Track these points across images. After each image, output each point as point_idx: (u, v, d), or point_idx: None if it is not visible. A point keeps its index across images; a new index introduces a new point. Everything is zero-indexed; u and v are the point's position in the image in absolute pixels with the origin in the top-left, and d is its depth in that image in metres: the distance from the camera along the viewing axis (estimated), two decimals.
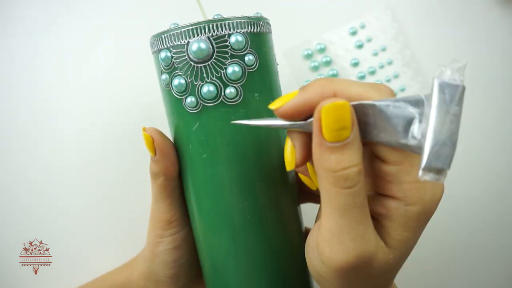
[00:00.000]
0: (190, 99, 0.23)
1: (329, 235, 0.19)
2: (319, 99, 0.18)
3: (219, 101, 0.23)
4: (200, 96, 0.23)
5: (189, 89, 0.23)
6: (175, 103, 0.24)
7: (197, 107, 0.23)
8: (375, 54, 0.40)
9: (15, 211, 0.36)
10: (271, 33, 0.26)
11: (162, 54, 0.23)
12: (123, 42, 0.38)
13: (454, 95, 0.16)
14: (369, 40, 0.41)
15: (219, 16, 0.26)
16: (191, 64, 0.22)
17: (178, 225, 0.28)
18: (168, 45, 0.23)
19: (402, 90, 0.40)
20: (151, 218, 0.28)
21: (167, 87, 0.24)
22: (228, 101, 0.23)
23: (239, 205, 0.24)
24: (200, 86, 0.23)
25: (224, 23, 0.22)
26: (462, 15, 0.42)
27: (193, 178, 0.25)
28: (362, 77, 0.40)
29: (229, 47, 0.22)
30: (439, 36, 0.41)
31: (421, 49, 0.41)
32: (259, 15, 0.26)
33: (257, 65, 0.23)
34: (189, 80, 0.23)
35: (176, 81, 0.23)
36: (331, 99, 0.17)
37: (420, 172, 0.15)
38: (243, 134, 0.23)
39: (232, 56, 0.22)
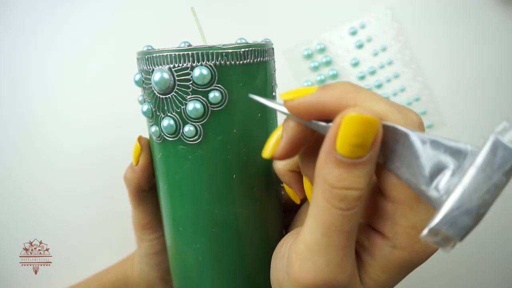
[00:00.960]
0: (155, 129, 0.21)
1: (305, 249, 0.17)
2: (336, 105, 0.16)
3: (177, 137, 0.21)
4: (161, 128, 0.21)
5: (154, 118, 0.21)
6: (148, 127, 0.23)
7: (159, 138, 0.21)
8: (375, 54, 0.40)
9: (15, 211, 0.36)
10: (264, 61, 0.22)
11: (136, 76, 0.22)
12: (125, 44, 0.38)
13: (506, 162, 0.13)
14: (369, 40, 0.40)
15: (186, 44, 0.23)
16: (154, 93, 0.21)
17: (155, 231, 0.28)
18: (141, 68, 0.21)
19: (402, 90, 0.40)
20: (132, 221, 0.29)
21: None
22: (187, 139, 0.21)
23: (193, 246, 0.22)
24: (161, 118, 0.21)
25: (188, 54, 0.20)
26: (462, 15, 0.42)
27: (160, 198, 0.24)
28: (362, 77, 0.40)
29: (191, 82, 0.20)
30: (439, 36, 0.41)
31: (421, 49, 0.41)
32: (253, 41, 0.23)
33: (225, 103, 0.20)
34: (153, 109, 0.21)
35: (145, 107, 0.22)
36: (359, 109, 0.15)
37: (425, 231, 0.13)
38: (201, 172, 0.21)
39: (194, 92, 0.20)
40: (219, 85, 0.20)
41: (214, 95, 0.20)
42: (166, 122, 0.21)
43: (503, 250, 0.41)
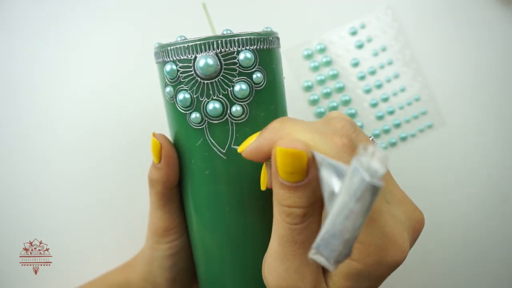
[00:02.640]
0: (195, 115, 0.22)
1: (269, 256, 0.19)
2: (271, 146, 0.18)
3: (224, 118, 0.22)
4: (205, 113, 0.22)
5: (194, 105, 0.22)
6: (178, 117, 0.23)
7: (202, 123, 0.23)
8: (375, 54, 0.40)
9: (15, 211, 0.36)
10: (280, 47, 0.25)
11: (168, 67, 0.22)
12: (127, 45, 0.38)
13: (357, 189, 0.13)
14: (369, 40, 0.40)
15: (228, 32, 0.25)
16: (197, 80, 0.22)
17: (176, 232, 0.27)
18: (174, 58, 0.22)
19: (402, 90, 0.40)
20: (150, 224, 0.28)
21: (171, 100, 0.23)
22: (234, 119, 0.22)
23: (240, 221, 0.24)
24: (205, 103, 0.22)
25: (234, 39, 0.22)
26: (462, 15, 0.42)
27: (194, 191, 0.24)
28: (362, 77, 0.40)
29: (238, 64, 0.22)
30: (439, 36, 0.41)
31: (421, 49, 0.41)
32: (269, 29, 0.25)
33: (265, 82, 0.23)
34: (194, 96, 0.22)
35: (181, 96, 0.22)
36: (285, 143, 0.17)
37: (311, 251, 0.14)
38: None
39: (240, 74, 0.22)
40: (260, 67, 0.22)
41: (257, 76, 0.22)
42: (212, 105, 0.22)
43: (504, 251, 0.41)
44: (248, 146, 0.19)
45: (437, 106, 0.41)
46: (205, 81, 0.22)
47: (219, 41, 0.21)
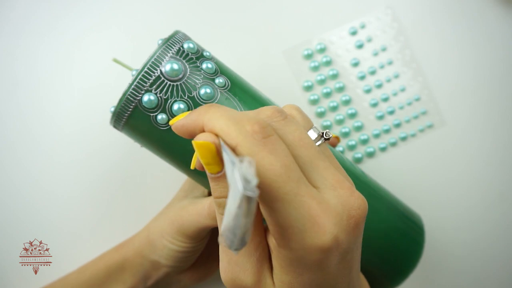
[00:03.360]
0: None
1: (219, 250, 0.20)
2: (194, 127, 0.19)
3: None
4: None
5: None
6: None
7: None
8: (375, 54, 0.40)
9: (15, 211, 0.36)
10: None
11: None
12: (127, 42, 0.38)
13: (236, 197, 0.14)
14: (369, 40, 0.41)
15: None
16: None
17: (203, 237, 0.30)
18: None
19: (402, 90, 0.40)
20: (175, 219, 0.29)
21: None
22: None
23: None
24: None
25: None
26: (462, 15, 0.42)
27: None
28: (362, 77, 0.40)
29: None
30: (439, 36, 0.41)
31: (421, 49, 0.41)
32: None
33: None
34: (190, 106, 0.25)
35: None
36: (199, 136, 0.18)
37: (219, 238, 0.15)
38: None
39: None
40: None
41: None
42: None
43: (505, 251, 0.41)
44: (177, 121, 0.20)
45: (437, 106, 0.41)
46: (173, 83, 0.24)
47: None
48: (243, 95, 0.26)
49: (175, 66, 0.24)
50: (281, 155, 0.17)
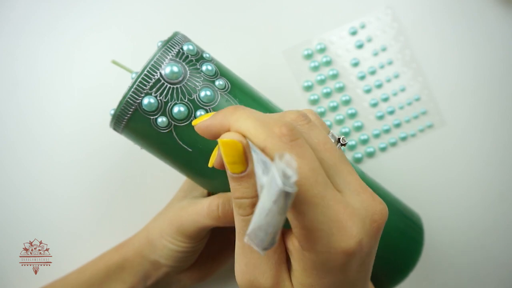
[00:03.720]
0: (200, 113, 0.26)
1: (235, 252, 0.20)
2: (220, 127, 0.19)
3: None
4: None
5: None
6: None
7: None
8: (375, 54, 0.40)
9: (15, 211, 0.36)
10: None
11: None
12: (127, 42, 0.38)
13: (273, 193, 0.14)
14: (369, 40, 0.41)
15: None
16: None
17: (203, 237, 0.29)
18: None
19: (402, 90, 0.40)
20: (174, 219, 0.29)
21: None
22: None
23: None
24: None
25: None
26: (462, 15, 0.42)
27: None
28: (362, 77, 0.40)
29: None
30: (439, 36, 0.41)
31: (421, 49, 0.41)
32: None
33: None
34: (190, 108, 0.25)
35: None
36: (225, 134, 0.18)
37: (245, 237, 0.15)
38: None
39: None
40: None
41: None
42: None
43: (505, 251, 0.41)
44: (201, 122, 0.20)
45: (437, 106, 0.41)
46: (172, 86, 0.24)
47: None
48: (243, 96, 0.26)
49: (175, 69, 0.24)
50: (308, 158, 0.17)
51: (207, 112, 0.24)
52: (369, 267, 0.20)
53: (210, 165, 0.21)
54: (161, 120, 0.24)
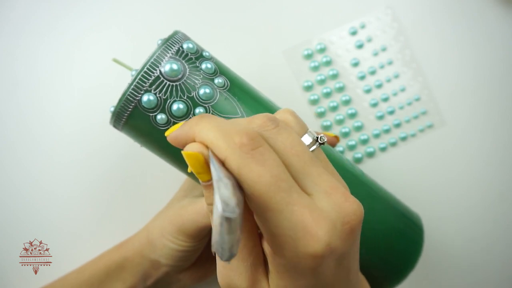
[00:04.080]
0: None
1: None
2: (185, 139, 0.19)
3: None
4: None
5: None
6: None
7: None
8: (375, 54, 0.40)
9: (15, 211, 0.36)
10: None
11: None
12: (127, 42, 0.38)
13: (218, 217, 0.15)
14: (369, 40, 0.41)
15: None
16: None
17: (203, 237, 0.29)
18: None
19: (402, 90, 0.40)
20: (175, 217, 0.29)
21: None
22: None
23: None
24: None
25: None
26: (462, 15, 0.42)
27: None
28: (362, 77, 0.40)
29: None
30: (439, 36, 0.41)
31: (421, 49, 0.41)
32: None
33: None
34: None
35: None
36: (188, 146, 0.18)
37: (212, 247, 0.16)
38: None
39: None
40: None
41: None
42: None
43: (505, 251, 0.41)
44: (172, 133, 0.20)
45: (437, 106, 0.41)
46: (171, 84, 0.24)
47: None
48: (242, 95, 0.26)
49: (175, 66, 0.24)
50: (270, 165, 0.17)
51: (206, 110, 0.24)
52: (349, 267, 0.20)
53: (189, 170, 0.21)
54: (161, 117, 0.24)
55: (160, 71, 0.24)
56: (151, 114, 0.24)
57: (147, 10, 0.39)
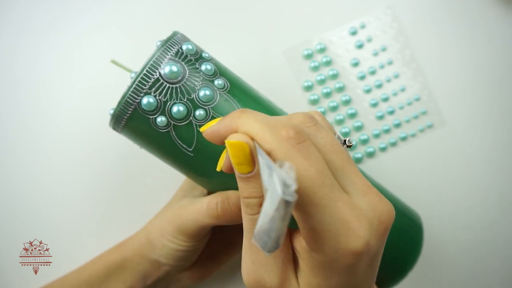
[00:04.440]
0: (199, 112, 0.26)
1: (242, 251, 0.20)
2: (226, 132, 0.19)
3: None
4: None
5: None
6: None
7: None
8: (375, 54, 0.40)
9: (15, 211, 0.36)
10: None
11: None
12: (127, 42, 0.38)
13: (274, 201, 0.14)
14: (369, 40, 0.41)
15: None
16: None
17: (204, 236, 0.30)
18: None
19: (402, 90, 0.40)
20: (174, 217, 0.29)
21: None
22: None
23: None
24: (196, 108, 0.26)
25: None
26: (462, 15, 0.42)
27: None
28: (362, 77, 0.40)
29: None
30: (439, 36, 0.41)
31: (421, 49, 0.41)
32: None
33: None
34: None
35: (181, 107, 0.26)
36: (232, 136, 0.18)
37: (252, 238, 0.16)
38: None
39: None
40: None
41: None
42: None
43: (505, 250, 0.41)
44: (209, 128, 0.20)
45: (437, 106, 0.41)
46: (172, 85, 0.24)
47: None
48: (242, 96, 0.26)
49: (174, 69, 0.24)
50: (315, 160, 0.18)
51: (206, 111, 0.24)
52: (376, 268, 0.20)
53: (218, 169, 0.21)
54: (160, 119, 0.24)
55: (159, 73, 0.24)
56: (151, 117, 0.24)
57: (147, 10, 0.39)
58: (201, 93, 0.24)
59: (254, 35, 0.40)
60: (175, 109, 0.24)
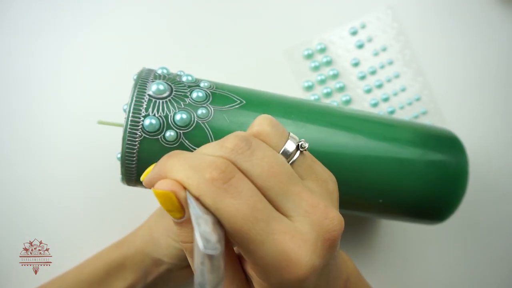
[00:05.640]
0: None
1: None
2: (158, 180, 0.18)
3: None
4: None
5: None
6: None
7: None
8: (376, 54, 0.40)
9: (15, 211, 0.36)
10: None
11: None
12: (127, 43, 0.38)
13: (199, 255, 0.14)
14: (369, 40, 0.41)
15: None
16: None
17: None
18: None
19: (403, 90, 0.40)
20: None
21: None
22: None
23: None
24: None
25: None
26: (462, 14, 0.42)
27: None
28: (363, 77, 0.40)
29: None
30: (439, 36, 0.41)
31: (422, 49, 0.41)
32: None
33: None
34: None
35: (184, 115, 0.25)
36: (158, 184, 0.17)
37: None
38: None
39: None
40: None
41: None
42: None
43: (505, 250, 0.41)
44: (146, 178, 0.19)
45: (437, 106, 0.41)
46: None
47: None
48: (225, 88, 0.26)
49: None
50: (245, 196, 0.17)
51: (208, 111, 0.24)
52: (330, 269, 0.20)
53: (141, 179, 0.20)
54: (169, 134, 0.24)
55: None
56: (159, 136, 0.24)
57: (146, 10, 0.39)
58: (194, 95, 0.24)
59: (254, 35, 0.40)
60: (178, 117, 0.23)
